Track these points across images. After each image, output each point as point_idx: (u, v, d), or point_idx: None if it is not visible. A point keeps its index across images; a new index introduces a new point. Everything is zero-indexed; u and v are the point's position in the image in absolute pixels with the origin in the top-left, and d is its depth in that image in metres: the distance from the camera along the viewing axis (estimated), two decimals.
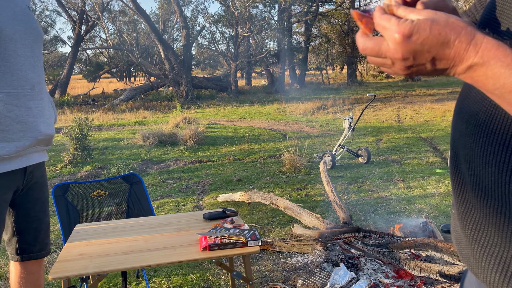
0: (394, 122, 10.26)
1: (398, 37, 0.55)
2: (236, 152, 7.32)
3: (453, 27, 0.54)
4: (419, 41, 0.54)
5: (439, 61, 0.56)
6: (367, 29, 0.61)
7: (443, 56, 0.55)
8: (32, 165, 1.79)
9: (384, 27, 0.58)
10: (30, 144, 1.69)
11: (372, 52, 0.59)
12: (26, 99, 1.67)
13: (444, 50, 0.54)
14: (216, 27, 20.90)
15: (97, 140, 8.10)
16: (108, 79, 35.40)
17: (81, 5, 20.47)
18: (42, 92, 1.77)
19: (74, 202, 2.59)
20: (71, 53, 20.69)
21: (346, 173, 5.68)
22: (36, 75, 1.73)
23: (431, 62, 0.56)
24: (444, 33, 0.54)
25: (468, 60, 0.54)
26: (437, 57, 0.55)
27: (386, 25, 0.57)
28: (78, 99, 18.20)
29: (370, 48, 0.60)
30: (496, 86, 0.53)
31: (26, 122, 1.66)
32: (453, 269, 2.34)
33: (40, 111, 1.74)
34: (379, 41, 0.58)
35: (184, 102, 16.06)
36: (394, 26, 0.56)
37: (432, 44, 0.54)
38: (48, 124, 1.79)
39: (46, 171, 1.96)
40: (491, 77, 0.53)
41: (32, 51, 1.71)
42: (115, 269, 1.65)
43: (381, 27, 0.58)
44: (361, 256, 2.81)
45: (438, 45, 0.54)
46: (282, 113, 12.65)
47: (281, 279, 2.84)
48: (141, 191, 2.74)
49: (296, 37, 25.57)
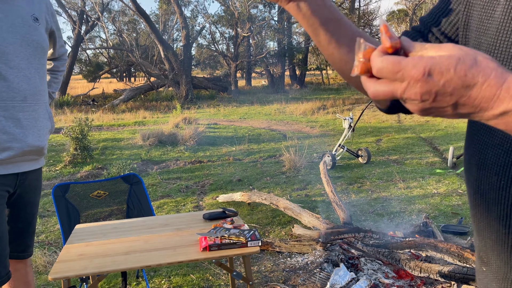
0: (394, 122, 10.26)
1: (418, 73, 0.47)
2: (236, 152, 7.32)
3: (481, 68, 0.46)
4: (441, 81, 0.47)
5: (462, 105, 0.48)
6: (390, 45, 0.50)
7: (467, 101, 0.48)
8: None
9: (396, 69, 0.48)
10: (15, 154, 1.70)
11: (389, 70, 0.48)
12: (15, 110, 1.68)
13: (470, 94, 0.47)
14: (216, 27, 20.91)
15: (97, 140, 8.09)
16: (108, 79, 35.39)
17: (81, 5, 20.48)
18: (37, 104, 1.78)
19: (74, 202, 2.59)
20: (71, 53, 20.69)
21: (346, 173, 5.67)
22: (31, 87, 1.73)
23: (452, 106, 0.49)
24: (471, 75, 0.46)
25: (500, 106, 0.47)
26: (460, 102, 0.48)
27: (400, 66, 0.48)
28: (78, 99, 18.20)
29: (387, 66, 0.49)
30: None
31: (13, 133, 1.67)
32: (453, 269, 2.34)
33: (31, 122, 1.74)
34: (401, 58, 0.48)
35: (184, 102, 16.06)
36: (410, 63, 0.47)
37: (456, 87, 0.47)
38: (39, 136, 1.79)
39: (41, 174, 1.96)
40: None
41: (29, 63, 1.72)
42: (115, 269, 1.65)
43: (389, 71, 0.48)
44: (361, 256, 2.81)
45: (463, 88, 0.47)
46: (282, 113, 12.65)
47: (281, 279, 2.84)
48: (141, 191, 2.74)
49: (296, 37, 25.58)
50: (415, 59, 0.47)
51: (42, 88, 1.82)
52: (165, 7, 23.70)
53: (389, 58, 0.48)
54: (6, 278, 1.78)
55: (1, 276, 1.74)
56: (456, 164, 5.77)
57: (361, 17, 24.73)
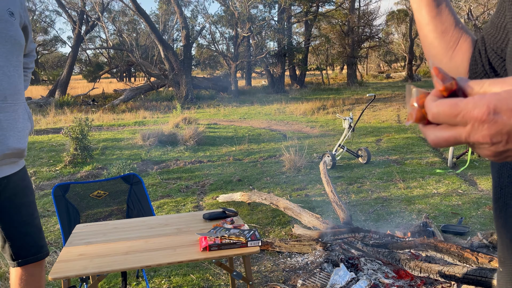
0: (394, 122, 10.26)
1: (482, 113, 0.41)
2: (236, 152, 7.32)
3: None
4: (494, 127, 0.41)
5: None
6: (443, 88, 0.45)
7: None
8: None
9: (455, 112, 0.43)
10: None
11: (446, 114, 0.44)
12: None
13: None
14: (216, 27, 20.90)
15: (97, 140, 8.09)
16: (108, 79, 35.40)
17: (81, 5, 20.47)
18: (17, 104, 1.69)
19: (74, 202, 2.59)
20: (71, 53, 20.69)
21: (346, 173, 5.67)
22: (11, 86, 1.65)
23: None
24: None
25: None
26: None
27: (460, 107, 0.43)
28: (78, 99, 18.19)
29: (444, 110, 0.44)
30: None
31: None
32: (453, 269, 2.34)
33: (11, 123, 1.65)
34: (458, 99, 0.43)
35: (184, 102, 16.06)
36: (471, 103, 0.42)
37: None
38: (19, 138, 1.70)
39: (27, 173, 1.88)
40: None
41: (7, 60, 1.63)
42: (115, 269, 1.65)
43: (448, 115, 0.43)
44: (361, 257, 2.81)
45: None
46: (282, 113, 12.65)
47: (281, 279, 2.84)
48: (141, 191, 2.74)
49: (296, 37, 25.57)
50: (476, 98, 0.42)
51: (21, 87, 1.73)
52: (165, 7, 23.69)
53: (444, 102, 0.44)
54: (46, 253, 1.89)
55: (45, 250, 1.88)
56: (456, 164, 5.77)
57: (361, 17, 24.73)
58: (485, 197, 4.44)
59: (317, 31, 25.23)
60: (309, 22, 22.44)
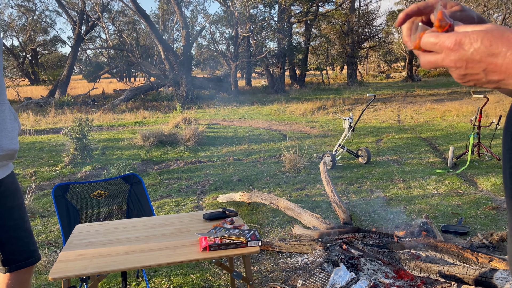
0: (394, 122, 10.26)
1: (450, 43, 0.57)
2: (236, 152, 7.32)
3: (506, 40, 0.54)
4: (470, 50, 0.55)
5: (491, 72, 0.56)
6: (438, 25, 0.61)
7: (494, 68, 0.55)
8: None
9: (437, 42, 0.58)
10: None
11: (430, 43, 0.59)
12: None
13: (496, 61, 0.55)
14: (216, 27, 20.91)
15: (97, 140, 8.09)
16: (108, 80, 35.40)
17: (81, 5, 20.48)
18: (3, 104, 1.65)
19: (74, 202, 2.59)
20: (71, 53, 20.69)
21: (346, 173, 5.67)
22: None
23: (484, 73, 0.57)
24: (496, 45, 0.54)
25: None
26: (488, 68, 0.56)
27: (440, 39, 0.58)
28: (78, 99, 18.19)
29: (428, 40, 0.60)
30: None
31: None
32: (453, 269, 2.34)
33: (0, 124, 1.62)
34: (439, 34, 0.59)
35: (184, 102, 16.06)
36: (446, 37, 0.57)
37: (483, 55, 0.55)
38: (10, 139, 1.66)
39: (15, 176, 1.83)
40: None
41: None
42: (115, 269, 1.65)
43: (432, 44, 0.59)
44: (361, 257, 2.81)
45: (489, 56, 0.55)
46: (282, 113, 12.65)
47: (281, 279, 2.84)
48: (141, 191, 2.74)
49: (296, 37, 25.57)
50: (450, 33, 0.57)
51: (4, 87, 1.69)
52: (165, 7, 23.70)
53: (431, 34, 0.59)
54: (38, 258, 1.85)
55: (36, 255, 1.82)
56: (456, 164, 5.77)
57: (361, 17, 24.73)
58: (485, 197, 4.44)
59: (317, 31, 25.23)
60: (309, 22, 22.45)
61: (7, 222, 1.73)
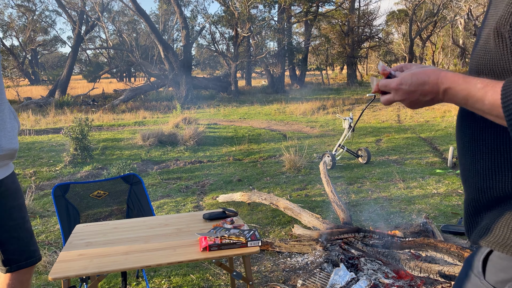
0: (394, 122, 10.26)
1: (395, 85, 0.89)
2: (236, 152, 7.32)
3: (425, 73, 0.85)
4: (406, 86, 0.87)
5: (425, 95, 0.86)
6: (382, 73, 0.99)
7: (426, 92, 0.85)
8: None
9: (386, 85, 0.91)
10: None
11: (383, 86, 0.92)
12: None
13: (424, 87, 0.85)
14: (216, 27, 20.89)
15: (97, 140, 8.09)
16: (108, 80, 35.38)
17: (81, 5, 20.47)
18: (2, 104, 1.65)
19: (74, 202, 2.59)
20: (71, 53, 20.69)
21: (346, 173, 5.67)
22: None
23: (421, 96, 0.86)
24: (421, 77, 0.85)
25: (441, 88, 0.83)
26: (422, 93, 0.86)
27: (387, 83, 0.91)
28: (78, 99, 18.18)
29: (382, 84, 0.93)
30: (462, 101, 0.81)
31: None
32: (453, 269, 2.34)
33: (0, 124, 1.61)
34: (389, 79, 0.92)
35: (184, 102, 16.06)
36: (391, 81, 0.90)
37: (416, 86, 0.85)
38: (10, 138, 1.66)
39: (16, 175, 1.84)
40: (456, 95, 0.81)
41: None
42: (115, 269, 1.65)
43: (383, 86, 0.92)
44: (361, 257, 2.81)
45: (419, 85, 0.85)
46: (282, 113, 12.65)
47: (281, 279, 2.84)
48: (141, 191, 2.74)
49: (296, 37, 25.57)
50: (394, 79, 0.90)
51: (3, 86, 1.69)
52: (165, 7, 23.70)
53: (383, 81, 0.93)
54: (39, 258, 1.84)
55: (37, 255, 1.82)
56: (456, 164, 5.77)
57: (361, 17, 24.72)
58: None
59: (317, 31, 25.23)
60: (309, 22, 22.44)
61: (7, 222, 1.73)
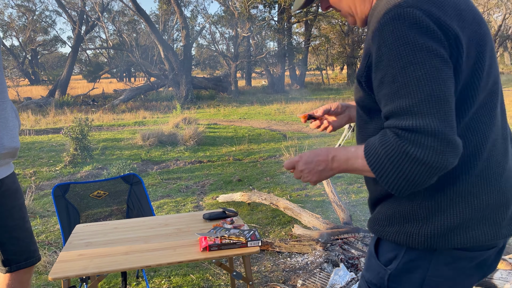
0: None
1: (295, 163, 1.10)
2: (236, 153, 7.32)
3: (317, 153, 1.06)
4: (302, 163, 1.07)
5: (319, 164, 1.05)
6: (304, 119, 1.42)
7: (319, 161, 1.05)
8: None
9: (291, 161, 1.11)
10: None
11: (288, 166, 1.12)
12: None
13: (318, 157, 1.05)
14: (216, 27, 20.91)
15: (97, 140, 8.09)
16: (108, 80, 35.39)
17: (81, 5, 20.48)
18: (5, 102, 1.64)
19: (74, 202, 2.59)
20: (71, 53, 20.70)
21: (346, 173, 5.67)
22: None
23: (317, 165, 1.05)
24: (316, 151, 1.06)
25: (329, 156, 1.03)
26: (317, 163, 1.05)
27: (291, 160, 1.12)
28: (78, 99, 18.19)
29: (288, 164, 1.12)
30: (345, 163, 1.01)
31: None
32: None
33: (3, 122, 1.61)
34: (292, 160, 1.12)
35: (184, 102, 16.06)
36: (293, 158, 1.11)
37: (312, 157, 1.06)
38: (12, 137, 1.65)
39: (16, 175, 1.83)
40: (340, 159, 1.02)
41: None
42: (115, 269, 1.65)
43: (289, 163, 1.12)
44: (361, 257, 2.81)
45: (315, 156, 1.06)
46: (282, 113, 12.65)
47: (281, 279, 2.84)
48: (141, 192, 2.74)
49: (296, 38, 25.57)
50: (295, 157, 1.11)
51: (5, 84, 1.69)
52: (165, 7, 23.69)
53: (287, 162, 1.12)
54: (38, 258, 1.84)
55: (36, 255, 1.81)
56: None
57: None
58: None
59: (317, 31, 25.23)
60: (309, 22, 22.45)
61: (7, 222, 1.73)
